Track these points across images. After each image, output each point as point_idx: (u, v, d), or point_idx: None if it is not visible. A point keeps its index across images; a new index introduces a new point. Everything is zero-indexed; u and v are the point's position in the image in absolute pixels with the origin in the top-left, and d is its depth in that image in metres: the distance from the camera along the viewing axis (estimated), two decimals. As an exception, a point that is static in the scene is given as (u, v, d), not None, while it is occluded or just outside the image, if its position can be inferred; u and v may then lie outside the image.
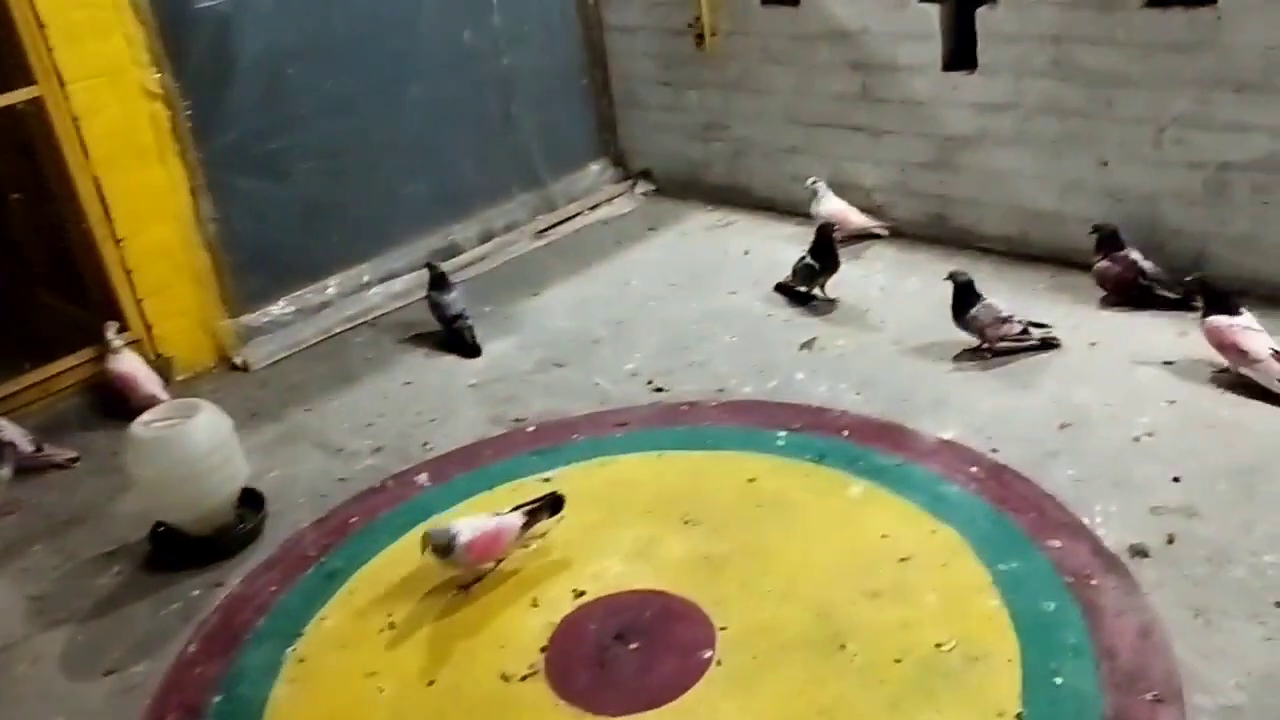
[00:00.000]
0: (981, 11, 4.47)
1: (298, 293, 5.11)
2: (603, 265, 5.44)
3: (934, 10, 4.64)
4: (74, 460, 4.20)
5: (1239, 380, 3.58)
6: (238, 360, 4.81)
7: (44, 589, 3.47)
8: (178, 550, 3.50)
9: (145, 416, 3.43)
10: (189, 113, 4.59)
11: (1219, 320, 3.58)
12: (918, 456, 3.49)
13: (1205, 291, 3.69)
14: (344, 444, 4.10)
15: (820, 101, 5.24)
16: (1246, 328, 3.55)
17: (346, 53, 5.07)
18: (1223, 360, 3.62)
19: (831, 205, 5.12)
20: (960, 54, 4.67)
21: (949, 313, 4.16)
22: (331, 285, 5.21)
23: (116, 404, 4.30)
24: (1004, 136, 4.64)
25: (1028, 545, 3.01)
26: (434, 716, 2.73)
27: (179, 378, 4.70)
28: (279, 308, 5.04)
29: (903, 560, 3.03)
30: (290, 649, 3.03)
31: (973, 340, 4.05)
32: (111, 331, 4.36)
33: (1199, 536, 2.94)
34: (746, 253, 5.31)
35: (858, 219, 5.14)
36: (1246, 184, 3.98)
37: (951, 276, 4.01)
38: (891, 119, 4.99)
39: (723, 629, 2.86)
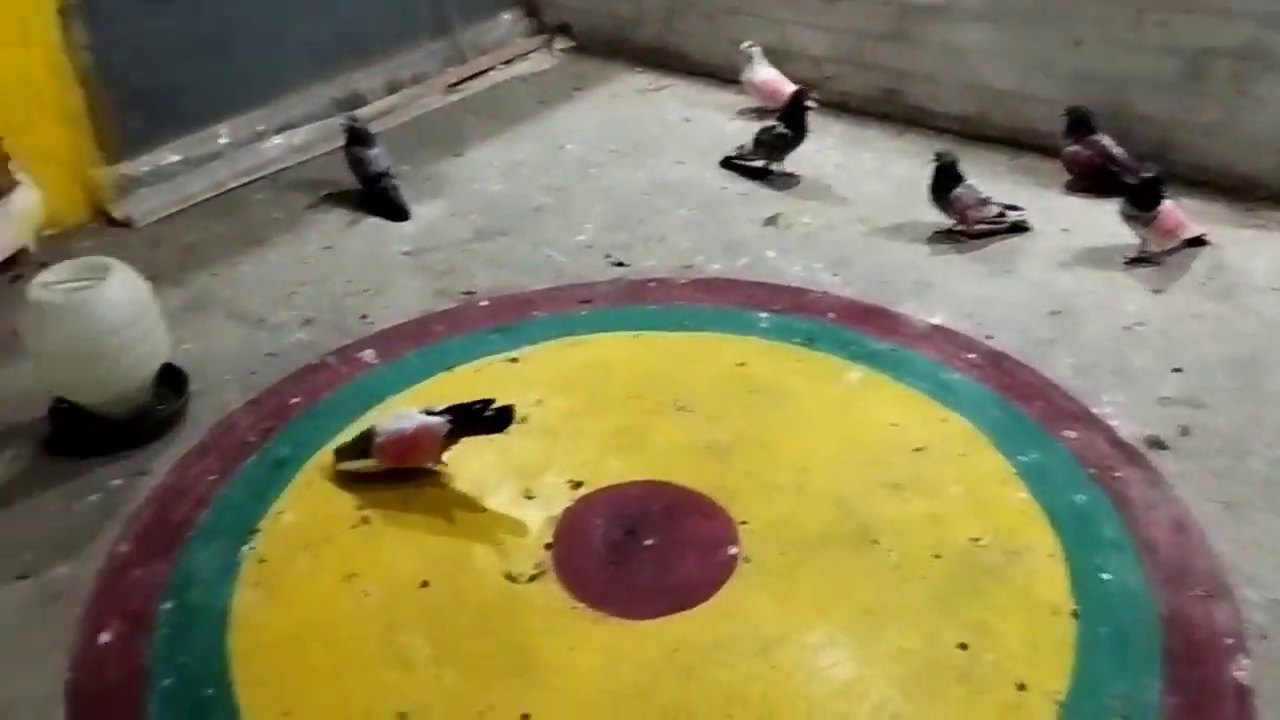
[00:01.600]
0: None
1: (184, 139, 4.52)
2: (529, 126, 5.02)
3: None
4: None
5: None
6: (118, 215, 4.23)
7: (-83, 478, 2.95)
8: (85, 433, 3.03)
9: (45, 276, 2.91)
10: (55, -84, 3.87)
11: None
12: (911, 341, 3.36)
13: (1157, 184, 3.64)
14: (264, 315, 3.65)
15: (771, -41, 4.91)
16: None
17: None
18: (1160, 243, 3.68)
19: (764, 73, 4.88)
20: (933, -84, 4.42)
21: (912, 192, 4.04)
22: (223, 133, 4.63)
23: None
24: (971, 10, 4.45)
25: (1043, 435, 2.93)
26: (437, 622, 2.45)
27: (45, 233, 4.07)
28: (163, 156, 4.45)
29: (917, 450, 2.91)
30: (247, 547, 2.67)
31: (946, 221, 3.92)
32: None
33: (1211, 429, 2.94)
34: (687, 120, 5.01)
35: (790, 89, 4.90)
36: (1225, 71, 3.95)
37: (938, 156, 3.85)
38: (849, -17, 4.73)
39: (743, 523, 2.68)
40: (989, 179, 4.24)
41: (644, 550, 2.62)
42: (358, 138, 4.33)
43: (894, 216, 4.10)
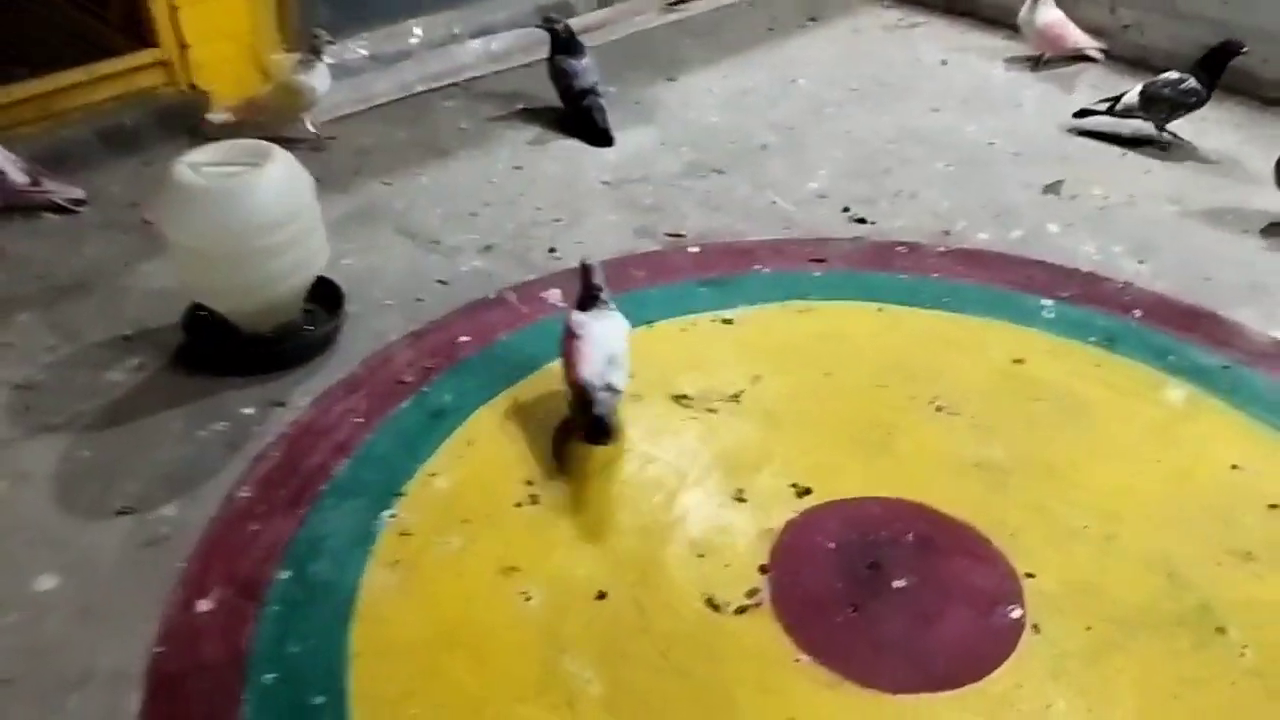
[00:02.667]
0: None
1: (373, 34, 4.08)
2: (755, 55, 4.39)
3: None
4: (80, 202, 3.29)
5: None
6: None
7: (33, 376, 2.57)
8: (222, 346, 2.59)
9: (195, 155, 2.45)
10: None
11: None
12: (1251, 359, 2.59)
13: None
14: (440, 235, 3.15)
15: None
16: None
17: None
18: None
19: (1049, 15, 4.10)
20: None
21: (1234, 170, 3.29)
22: (415, 31, 4.18)
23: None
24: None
25: None
26: (613, 650, 1.89)
27: (216, 117, 3.66)
28: (350, 49, 4.01)
29: (1274, 508, 2.16)
30: (388, 514, 2.16)
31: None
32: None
33: None
34: (944, 63, 4.27)
35: (1076, 36, 4.12)
36: None
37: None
38: (1175, -92, 3.87)
39: (1029, 576, 2.01)
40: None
41: (893, 594, 1.99)
42: (563, 45, 3.78)
43: (1213, 198, 3.29)
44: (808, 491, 2.21)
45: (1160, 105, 3.51)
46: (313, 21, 3.86)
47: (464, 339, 2.68)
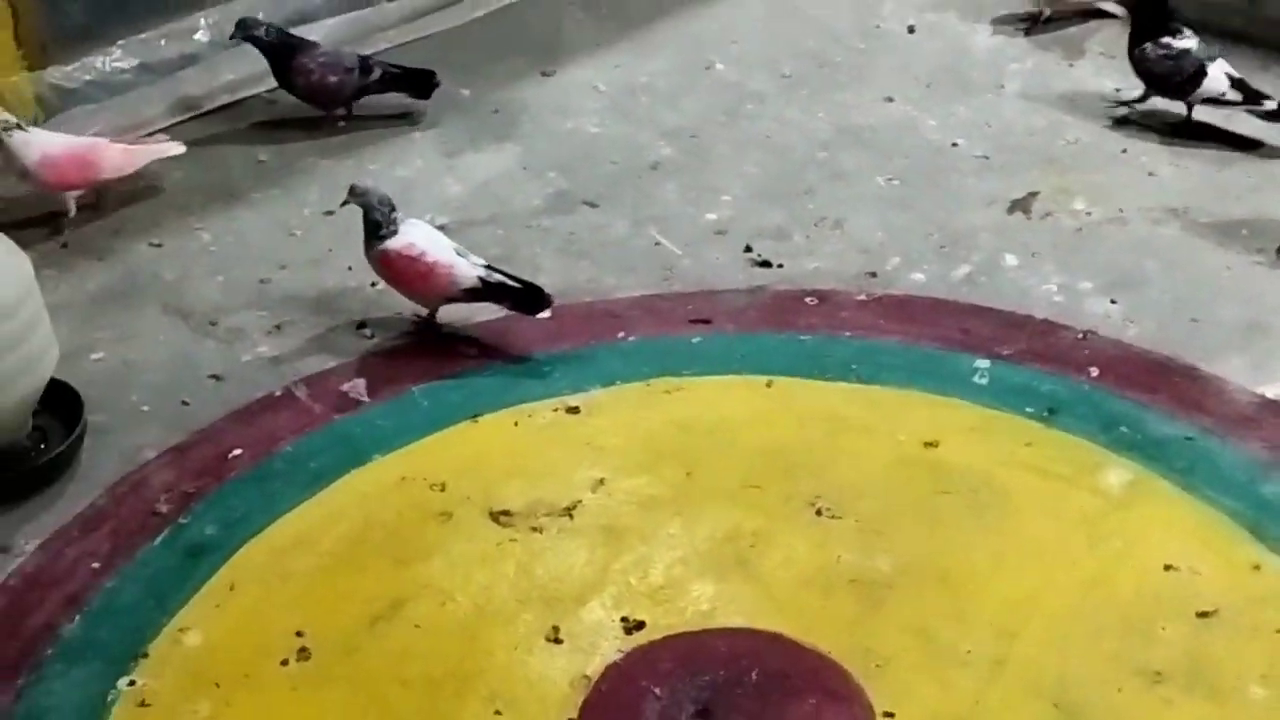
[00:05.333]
0: None
1: (141, 37, 4.65)
2: (663, 29, 5.02)
3: None
4: None
5: None
6: (36, 145, 4.38)
7: None
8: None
9: (-117, 246, 3.02)
10: None
11: None
12: (1224, 426, 3.14)
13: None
14: (219, 313, 3.72)
15: None
16: None
17: None
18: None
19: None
20: None
21: (1269, 169, 3.76)
22: (202, 27, 4.77)
23: None
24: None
25: None
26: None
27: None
28: (110, 58, 4.61)
29: (1203, 616, 2.69)
30: (125, 681, 2.69)
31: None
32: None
33: None
34: (911, 29, 4.86)
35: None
36: None
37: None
38: None
39: (887, 716, 2.53)
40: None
41: (723, 751, 2.51)
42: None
43: (1230, 206, 3.86)
44: (640, 626, 2.74)
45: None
46: (60, 31, 4.47)
47: (236, 453, 3.23)
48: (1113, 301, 3.54)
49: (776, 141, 4.30)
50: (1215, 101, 4.11)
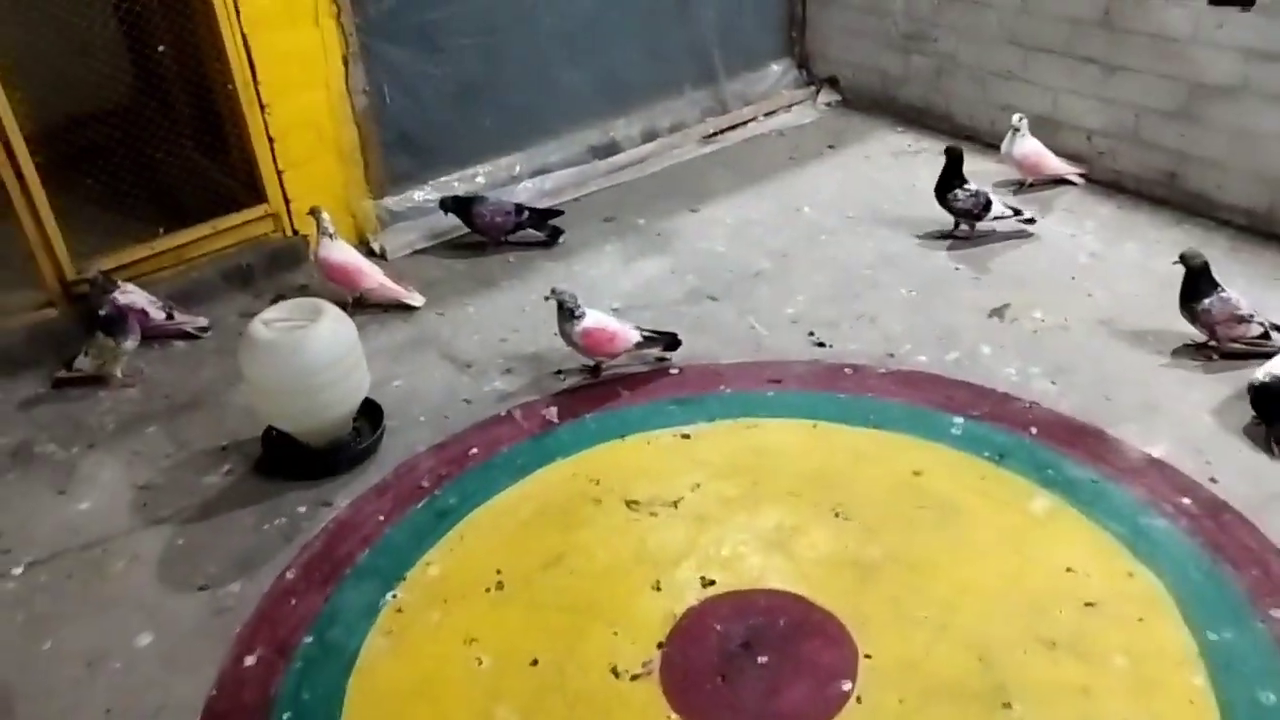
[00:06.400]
0: (1274, -64, 3.72)
1: (444, 179, 4.84)
2: (773, 183, 4.98)
3: (1211, -72, 3.91)
4: (205, 330, 4.10)
5: None
6: (375, 246, 4.60)
7: (152, 479, 3.36)
8: (289, 458, 3.33)
9: (268, 314, 3.22)
10: (346, -29, 4.27)
11: None
12: (1118, 474, 3.02)
13: None
14: (473, 358, 3.85)
15: (1049, 23, 4.58)
16: None
17: (516, -86, 4.65)
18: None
19: (1026, 146, 4.56)
20: (1235, -15, 3.93)
21: (1171, 291, 3.60)
22: (480, 174, 4.92)
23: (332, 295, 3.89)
24: (1271, 91, 3.93)
25: (1246, 612, 2.54)
26: (532, 705, 2.49)
27: (312, 255, 4.50)
28: (423, 193, 4.79)
29: (1089, 605, 2.61)
30: (390, 594, 2.83)
31: (1199, 335, 3.48)
32: (326, 217, 4.11)
33: None
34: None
35: (1053, 163, 4.59)
36: None
37: (1183, 258, 3.43)
38: (1133, 54, 4.31)
39: (867, 657, 2.53)
40: (1267, 286, 3.75)
41: (756, 668, 2.53)
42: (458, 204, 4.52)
43: (1143, 320, 3.70)
44: (712, 583, 2.77)
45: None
46: (392, 174, 4.68)
47: (474, 451, 3.35)
48: (1053, 382, 3.44)
49: (838, 261, 4.27)
50: (998, 218, 4.22)
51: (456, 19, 4.64)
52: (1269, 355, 3.34)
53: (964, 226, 4.30)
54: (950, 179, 4.26)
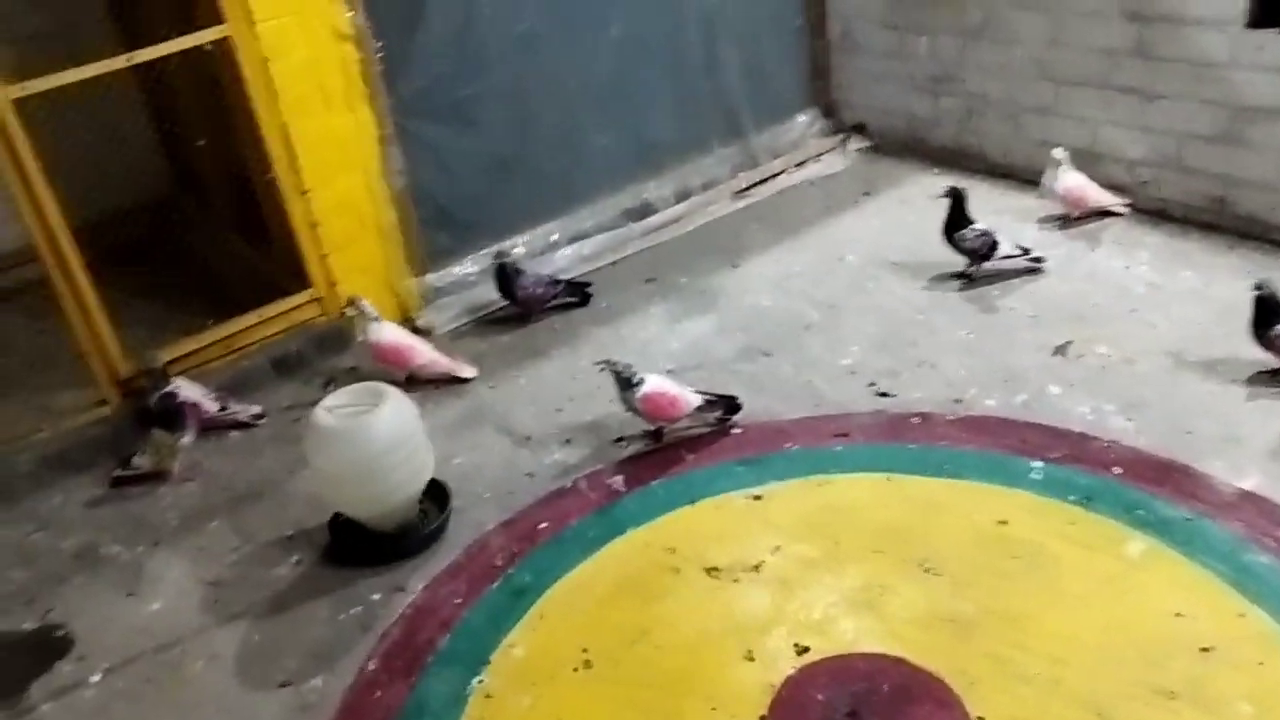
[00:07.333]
0: (1309, -43, 3.72)
1: (483, 251, 4.82)
2: (811, 234, 4.96)
3: (1243, -48, 3.91)
4: (260, 417, 4.08)
5: None
6: (420, 323, 4.58)
7: (221, 574, 3.32)
8: (358, 544, 3.29)
9: (330, 401, 3.20)
10: (380, 55, 4.32)
11: None
12: (1213, 510, 2.94)
13: None
14: (531, 431, 3.81)
15: (1081, 55, 4.57)
16: None
17: (543, -15, 4.69)
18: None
19: (1069, 179, 4.53)
20: (1269, 8, 3.92)
21: (1237, 318, 3.56)
22: (519, 244, 4.91)
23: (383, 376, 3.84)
24: (1319, 109, 3.90)
25: (1368, 648, 2.45)
26: (637, 790, 2.41)
27: (360, 338, 4.48)
28: (464, 267, 4.80)
29: (1204, 651, 2.53)
30: (476, 680, 2.77)
31: (1274, 362, 3.42)
32: (366, 304, 4.11)
33: None
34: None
35: (1097, 195, 4.55)
36: None
37: (1258, 287, 3.37)
38: (1171, 81, 4.29)
39: (980, 719, 2.43)
40: (1336, 306, 3.66)
41: (866, 737, 2.45)
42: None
43: (1210, 349, 3.63)
44: (806, 650, 2.70)
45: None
46: (432, 250, 4.68)
47: (543, 525, 3.30)
48: (1129, 419, 3.37)
49: (887, 308, 4.23)
50: (1007, 257, 4.21)
51: (487, 93, 4.67)
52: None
53: (973, 266, 4.25)
54: (957, 219, 4.22)
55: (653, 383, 3.50)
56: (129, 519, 3.61)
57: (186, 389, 3.96)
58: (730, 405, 3.60)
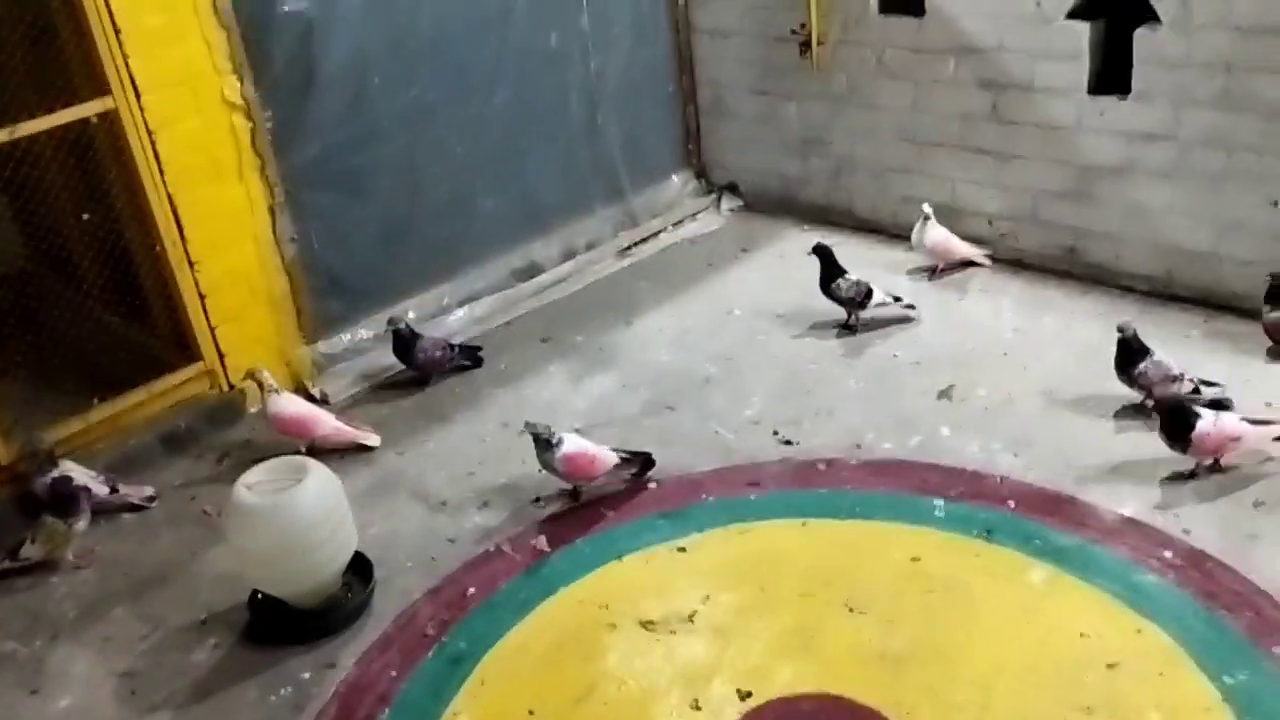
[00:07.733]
0: (1140, 32, 4.15)
1: (375, 316, 4.80)
2: (697, 290, 5.13)
3: (1083, 28, 4.32)
4: (152, 499, 3.93)
5: None
6: (315, 393, 4.51)
7: (133, 664, 3.18)
8: (280, 621, 3.21)
9: (249, 477, 3.14)
10: (270, 125, 4.29)
11: None
12: (1101, 536, 3.20)
13: None
14: (445, 495, 3.81)
15: (940, 120, 4.93)
16: None
17: (432, 57, 4.76)
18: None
19: (935, 234, 4.85)
20: (1110, 77, 4.35)
21: (1097, 359, 3.89)
22: (411, 309, 4.90)
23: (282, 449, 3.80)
24: (1155, 169, 4.33)
25: (1253, 652, 2.72)
26: None
27: (253, 410, 4.39)
28: (356, 334, 4.75)
29: (1110, 667, 2.75)
30: (423, 753, 2.74)
31: (1137, 396, 3.75)
32: (267, 375, 4.03)
33: None
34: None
35: (961, 248, 4.89)
36: None
37: (1120, 330, 3.70)
38: (1023, 143, 4.68)
39: (921, 748, 2.58)
40: (1180, 345, 4.05)
41: (817, 777, 2.55)
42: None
43: (1078, 387, 3.95)
44: (749, 695, 2.80)
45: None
46: (325, 317, 4.63)
47: (471, 590, 3.30)
48: (1015, 455, 3.63)
49: (781, 359, 4.42)
50: (881, 304, 4.48)
51: (378, 161, 4.69)
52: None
53: (853, 317, 4.51)
54: (831, 271, 4.49)
55: (572, 443, 3.55)
56: (22, 612, 3.42)
57: (74, 471, 3.79)
58: (646, 461, 3.69)
